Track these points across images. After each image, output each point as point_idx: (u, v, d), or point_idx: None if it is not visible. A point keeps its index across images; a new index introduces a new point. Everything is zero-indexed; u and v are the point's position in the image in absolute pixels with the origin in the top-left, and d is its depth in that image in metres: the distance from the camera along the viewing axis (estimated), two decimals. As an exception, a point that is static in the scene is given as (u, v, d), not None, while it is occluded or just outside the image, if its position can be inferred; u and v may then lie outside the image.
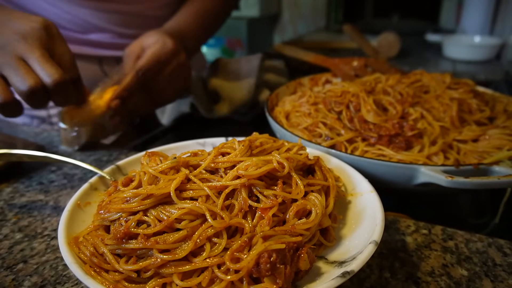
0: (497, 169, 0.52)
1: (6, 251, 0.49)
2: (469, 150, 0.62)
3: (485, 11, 1.81)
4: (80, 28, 0.90)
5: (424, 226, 0.53)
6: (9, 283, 0.44)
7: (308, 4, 2.82)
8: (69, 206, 0.45)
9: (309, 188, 0.44)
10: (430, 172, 0.51)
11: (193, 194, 0.41)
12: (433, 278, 0.44)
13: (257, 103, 0.95)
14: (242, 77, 0.95)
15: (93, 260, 0.38)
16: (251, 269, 0.34)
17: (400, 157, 0.60)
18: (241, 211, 0.40)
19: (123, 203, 0.40)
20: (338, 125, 0.66)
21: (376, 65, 0.96)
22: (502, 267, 0.46)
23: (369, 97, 0.67)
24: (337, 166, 0.54)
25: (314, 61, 1.12)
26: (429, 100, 0.70)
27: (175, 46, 0.78)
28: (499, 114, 0.70)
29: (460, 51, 1.66)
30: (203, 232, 0.37)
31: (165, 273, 0.36)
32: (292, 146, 0.50)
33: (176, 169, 0.44)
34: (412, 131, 0.62)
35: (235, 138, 0.48)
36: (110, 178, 0.52)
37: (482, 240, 0.50)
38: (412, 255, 0.48)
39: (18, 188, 0.64)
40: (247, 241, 0.36)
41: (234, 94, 0.90)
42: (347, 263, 0.38)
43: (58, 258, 0.48)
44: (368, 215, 0.45)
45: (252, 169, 0.41)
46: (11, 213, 0.57)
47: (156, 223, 0.38)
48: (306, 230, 0.39)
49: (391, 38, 1.66)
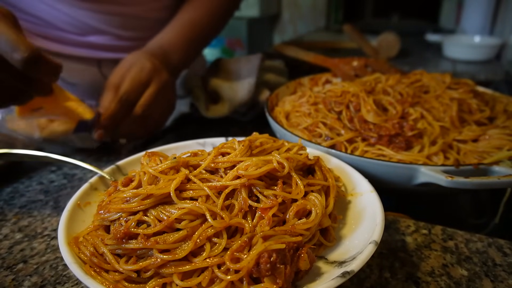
0: (497, 169, 0.52)
1: (6, 251, 0.49)
2: (469, 150, 0.62)
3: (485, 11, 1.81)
4: (78, 30, 0.90)
5: (424, 226, 0.53)
6: (9, 283, 0.44)
7: (308, 4, 2.82)
8: (69, 206, 0.45)
9: (309, 188, 0.44)
10: (430, 172, 0.51)
11: (193, 194, 0.41)
12: (433, 278, 0.44)
13: (257, 103, 0.95)
14: (242, 77, 0.95)
15: (93, 260, 0.38)
16: (251, 269, 0.34)
17: (400, 157, 0.60)
18: (241, 211, 0.40)
19: (123, 203, 0.40)
20: (338, 125, 0.66)
21: (376, 65, 0.96)
22: (502, 267, 0.46)
23: (369, 97, 0.67)
24: (337, 166, 0.54)
25: (314, 61, 1.12)
26: (429, 100, 0.70)
27: (153, 66, 0.77)
28: (499, 114, 0.70)
29: (460, 51, 1.66)
30: (203, 232, 0.37)
31: (165, 273, 0.36)
32: (292, 146, 0.50)
33: (176, 169, 0.44)
34: (412, 131, 0.62)
35: (235, 138, 0.48)
36: (110, 178, 0.52)
37: (482, 240, 0.50)
38: (412, 255, 0.48)
39: (18, 188, 0.64)
40: (247, 241, 0.36)
41: (234, 94, 0.90)
42: (347, 263, 0.38)
43: (58, 258, 0.48)
44: (368, 215, 0.45)
45: (252, 169, 0.41)
46: (11, 213, 0.57)
47: (156, 223, 0.38)
48: (306, 230, 0.39)
49: (391, 38, 1.66)
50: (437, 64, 1.65)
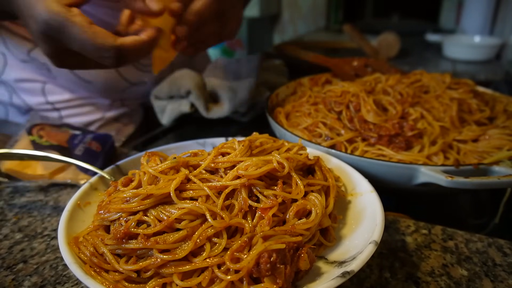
0: (497, 169, 0.52)
1: (6, 251, 0.49)
2: (469, 150, 0.62)
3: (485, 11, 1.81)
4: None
5: (424, 226, 0.53)
6: (9, 283, 0.44)
7: (308, 4, 2.81)
8: (69, 206, 0.45)
9: (309, 188, 0.44)
10: (430, 172, 0.51)
11: (193, 194, 0.41)
12: (433, 278, 0.44)
13: (257, 103, 0.95)
14: (242, 77, 0.95)
15: (93, 260, 0.38)
16: (251, 269, 0.34)
17: (400, 157, 0.60)
18: (241, 211, 0.40)
19: (123, 203, 0.40)
20: (338, 125, 0.66)
21: (376, 65, 0.96)
22: (502, 267, 0.46)
23: (369, 97, 0.67)
24: (337, 166, 0.54)
25: (314, 61, 1.12)
26: (429, 100, 0.70)
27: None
28: (499, 114, 0.70)
29: (460, 51, 1.66)
30: (203, 232, 0.37)
31: (165, 273, 0.36)
32: (292, 146, 0.50)
33: (176, 169, 0.44)
34: (412, 131, 0.62)
35: (235, 138, 0.48)
36: (110, 178, 0.52)
37: (482, 240, 0.50)
38: (412, 255, 0.48)
39: (18, 188, 0.64)
40: (247, 241, 0.36)
41: (234, 94, 0.90)
42: (347, 263, 0.38)
43: (58, 258, 0.48)
44: (368, 215, 0.45)
45: (252, 169, 0.41)
46: (11, 213, 0.57)
47: (156, 223, 0.38)
48: (306, 230, 0.39)
49: (391, 38, 1.66)
50: (437, 64, 1.65)
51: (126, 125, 1.05)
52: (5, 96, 0.94)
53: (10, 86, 0.93)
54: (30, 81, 0.92)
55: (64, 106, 0.95)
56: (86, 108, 0.97)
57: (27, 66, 0.90)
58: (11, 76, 0.91)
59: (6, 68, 0.90)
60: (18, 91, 0.93)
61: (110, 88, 0.96)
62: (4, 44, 0.89)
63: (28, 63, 0.90)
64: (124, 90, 0.98)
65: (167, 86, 0.93)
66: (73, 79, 0.91)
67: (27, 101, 0.93)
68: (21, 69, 0.91)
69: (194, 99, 0.90)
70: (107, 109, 1.00)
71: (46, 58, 0.59)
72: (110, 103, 1.00)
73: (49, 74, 0.91)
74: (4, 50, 0.89)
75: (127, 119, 1.05)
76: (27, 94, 0.93)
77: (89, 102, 0.97)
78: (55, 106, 0.95)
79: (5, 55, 0.90)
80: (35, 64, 0.89)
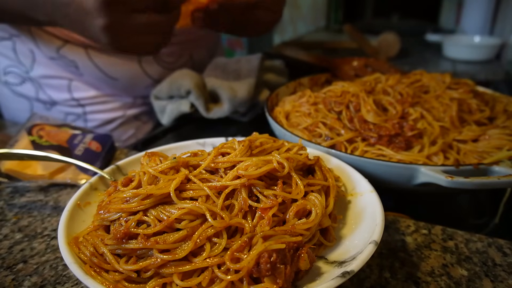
0: (497, 169, 0.52)
1: (6, 251, 0.49)
2: (469, 150, 0.62)
3: (485, 11, 1.81)
4: None
5: (424, 226, 0.53)
6: (9, 283, 0.44)
7: (308, 4, 2.81)
8: (69, 206, 0.45)
9: (309, 188, 0.44)
10: (430, 172, 0.51)
11: (193, 194, 0.41)
12: (433, 278, 0.44)
13: (257, 103, 0.95)
14: (242, 77, 0.95)
15: (93, 260, 0.38)
16: (251, 269, 0.34)
17: (400, 157, 0.60)
18: (241, 211, 0.40)
19: (123, 203, 0.40)
20: (338, 125, 0.66)
21: (376, 65, 0.96)
22: (502, 267, 0.46)
23: (369, 97, 0.67)
24: (337, 166, 0.54)
25: (314, 61, 1.12)
26: (429, 100, 0.70)
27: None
28: (499, 114, 0.70)
29: (460, 51, 1.66)
30: (203, 232, 0.37)
31: (165, 273, 0.36)
32: (292, 146, 0.50)
33: (176, 169, 0.44)
34: (412, 131, 0.62)
35: (235, 138, 0.48)
36: (110, 178, 0.52)
37: (482, 240, 0.50)
38: (412, 255, 0.48)
39: (18, 188, 0.64)
40: (247, 241, 0.36)
41: (234, 94, 0.90)
42: (347, 263, 0.38)
43: (58, 258, 0.48)
44: (368, 215, 0.45)
45: (252, 169, 0.41)
46: (11, 213, 0.57)
47: (156, 223, 0.38)
48: (306, 230, 0.39)
49: (391, 38, 1.66)
50: (437, 64, 1.65)
51: (145, 123, 1.07)
52: (32, 91, 0.96)
53: (37, 82, 0.95)
54: (57, 77, 0.94)
55: (89, 103, 0.98)
56: (110, 105, 1.00)
57: (54, 63, 0.92)
58: (39, 73, 0.93)
59: (34, 65, 0.93)
60: (44, 87, 0.95)
61: (134, 85, 0.98)
62: (33, 41, 0.90)
63: (56, 60, 0.92)
64: (147, 87, 1.00)
65: (167, 86, 0.93)
66: (100, 76, 0.93)
67: (53, 97, 0.96)
68: (49, 66, 0.93)
69: (194, 99, 0.90)
70: (129, 107, 1.03)
71: (105, 37, 0.62)
72: (132, 101, 1.03)
73: (77, 71, 0.93)
74: (33, 47, 0.91)
75: (146, 117, 1.07)
76: (53, 90, 0.95)
77: (113, 99, 1.00)
78: (80, 103, 0.97)
79: (33, 52, 0.92)
80: (63, 61, 0.91)
